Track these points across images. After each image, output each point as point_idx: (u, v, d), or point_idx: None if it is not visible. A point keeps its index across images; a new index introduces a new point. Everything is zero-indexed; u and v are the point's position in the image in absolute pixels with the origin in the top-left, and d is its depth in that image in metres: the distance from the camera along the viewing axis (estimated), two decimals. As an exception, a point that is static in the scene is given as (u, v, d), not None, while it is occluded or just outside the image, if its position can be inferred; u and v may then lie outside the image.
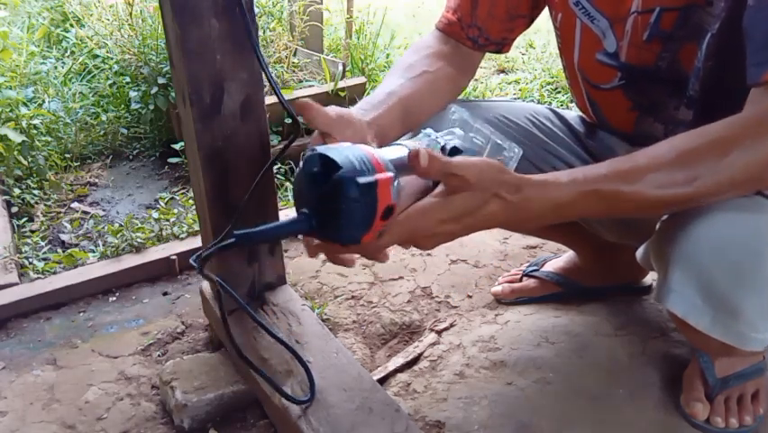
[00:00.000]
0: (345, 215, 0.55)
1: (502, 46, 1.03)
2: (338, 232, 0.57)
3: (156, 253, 1.50)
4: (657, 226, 0.80)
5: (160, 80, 2.08)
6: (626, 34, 0.89)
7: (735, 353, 0.85)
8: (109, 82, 2.38)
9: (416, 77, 0.91)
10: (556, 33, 1.02)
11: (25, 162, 1.88)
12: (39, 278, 1.46)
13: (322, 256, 0.67)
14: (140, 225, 1.63)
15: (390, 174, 0.58)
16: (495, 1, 0.97)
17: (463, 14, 0.99)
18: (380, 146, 0.74)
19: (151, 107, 2.13)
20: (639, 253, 0.87)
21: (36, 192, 1.88)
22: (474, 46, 1.00)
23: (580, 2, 0.92)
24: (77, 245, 1.65)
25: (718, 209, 0.71)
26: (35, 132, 1.98)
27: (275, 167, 1.82)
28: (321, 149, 0.58)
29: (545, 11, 1.04)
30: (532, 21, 1.03)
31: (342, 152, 0.58)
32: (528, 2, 0.99)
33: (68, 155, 2.09)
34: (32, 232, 1.70)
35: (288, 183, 1.90)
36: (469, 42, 1.00)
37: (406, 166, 0.61)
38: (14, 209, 1.78)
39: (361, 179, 0.56)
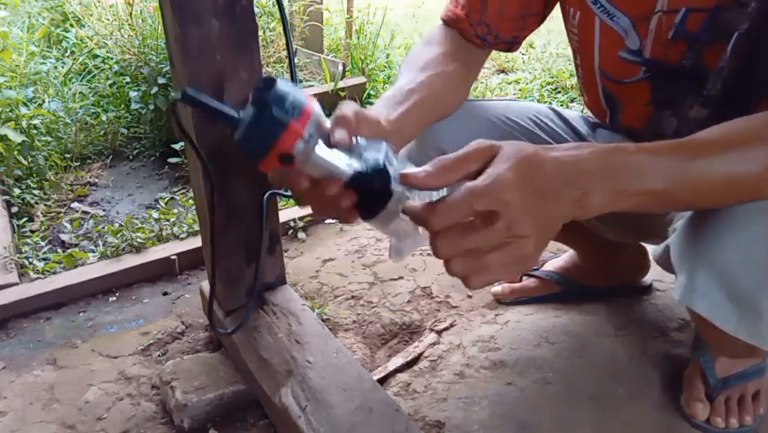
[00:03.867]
0: (248, 128, 0.60)
1: (512, 45, 1.00)
2: (239, 140, 0.62)
3: (156, 253, 1.50)
4: (678, 227, 0.80)
5: (160, 80, 2.08)
6: (649, 33, 0.88)
7: (755, 353, 0.85)
8: (109, 82, 2.38)
9: (434, 75, 0.89)
10: (572, 31, 1.00)
11: (25, 162, 1.88)
12: (39, 278, 1.46)
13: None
14: (140, 225, 1.63)
15: (303, 133, 0.60)
16: (505, 1, 0.95)
17: (472, 11, 0.96)
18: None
19: (151, 107, 2.12)
20: (656, 252, 0.86)
21: (36, 192, 1.88)
22: (483, 44, 0.98)
23: (599, 0, 0.91)
24: (77, 245, 1.65)
25: (743, 211, 0.71)
26: (35, 132, 1.98)
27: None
28: (288, 85, 0.62)
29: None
30: (544, 18, 1.00)
31: (295, 91, 0.62)
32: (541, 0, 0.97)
33: (68, 155, 2.09)
34: (32, 232, 1.70)
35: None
36: (477, 40, 0.97)
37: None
38: (14, 209, 1.78)
39: (276, 113, 0.59)
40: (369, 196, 0.62)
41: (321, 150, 0.61)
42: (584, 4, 0.93)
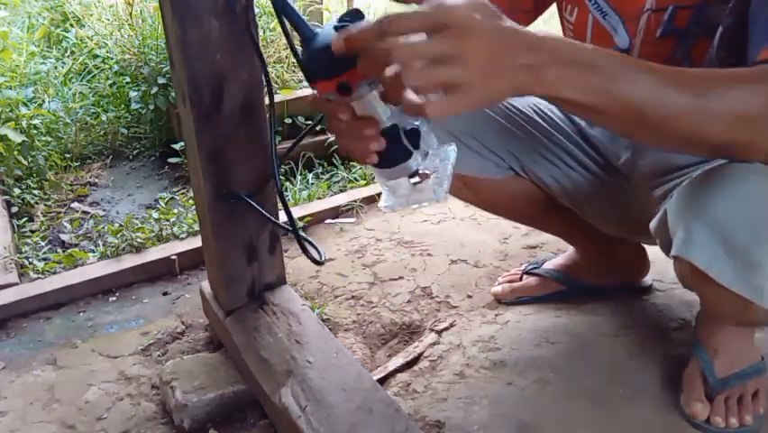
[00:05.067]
0: (324, 49, 0.62)
1: None
2: (309, 56, 0.65)
3: (156, 253, 1.51)
4: (675, 192, 0.81)
5: (160, 80, 2.08)
6: (639, 32, 0.90)
7: (748, 317, 0.84)
8: (109, 82, 2.38)
9: None
10: (569, 28, 1.03)
11: (25, 162, 1.89)
12: (39, 278, 1.46)
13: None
14: (140, 225, 1.63)
15: (370, 76, 0.63)
16: None
17: None
18: None
19: (151, 107, 2.13)
20: (653, 223, 0.87)
21: (36, 192, 1.88)
22: None
23: None
24: (77, 245, 1.65)
25: (739, 170, 0.73)
26: (35, 132, 1.99)
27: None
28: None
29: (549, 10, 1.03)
30: (535, 18, 1.02)
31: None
32: None
33: (68, 155, 2.09)
34: (32, 232, 1.70)
35: (288, 183, 1.89)
36: None
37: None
38: (14, 209, 1.78)
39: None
40: (395, 148, 0.68)
41: (376, 96, 0.65)
42: (581, 1, 0.95)
